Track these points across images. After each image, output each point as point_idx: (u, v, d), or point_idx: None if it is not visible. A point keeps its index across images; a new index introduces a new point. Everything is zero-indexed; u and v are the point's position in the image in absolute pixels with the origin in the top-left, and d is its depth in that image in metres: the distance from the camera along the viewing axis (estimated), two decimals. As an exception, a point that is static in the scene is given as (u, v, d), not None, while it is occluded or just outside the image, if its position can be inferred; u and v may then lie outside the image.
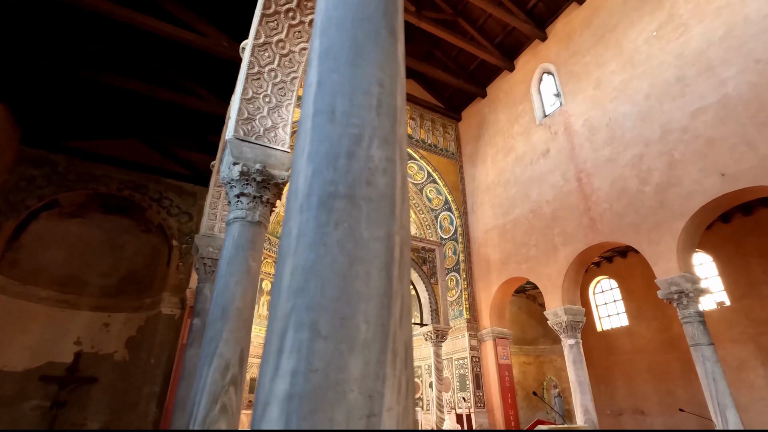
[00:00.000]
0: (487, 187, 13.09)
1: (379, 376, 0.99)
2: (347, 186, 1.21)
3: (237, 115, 4.27)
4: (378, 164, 1.28)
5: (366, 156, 1.28)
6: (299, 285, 1.09)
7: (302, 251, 1.13)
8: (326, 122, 1.34)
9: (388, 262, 1.15)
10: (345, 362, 0.98)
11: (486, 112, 14.05)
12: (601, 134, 9.83)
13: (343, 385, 0.95)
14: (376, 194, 1.23)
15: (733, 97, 7.47)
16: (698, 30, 8.31)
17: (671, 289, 7.73)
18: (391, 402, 0.99)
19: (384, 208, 1.23)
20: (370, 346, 1.01)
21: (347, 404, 0.93)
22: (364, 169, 1.25)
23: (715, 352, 7.18)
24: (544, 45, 12.26)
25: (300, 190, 1.24)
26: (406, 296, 1.15)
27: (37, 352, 8.51)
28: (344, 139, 1.29)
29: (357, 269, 1.10)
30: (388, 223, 1.21)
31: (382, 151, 1.31)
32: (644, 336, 12.70)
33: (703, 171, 7.64)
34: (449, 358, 12.22)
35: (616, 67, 9.86)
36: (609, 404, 13.02)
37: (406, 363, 1.09)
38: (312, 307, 1.04)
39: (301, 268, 1.11)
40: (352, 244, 1.13)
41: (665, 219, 8.07)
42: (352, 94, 1.36)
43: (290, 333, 1.04)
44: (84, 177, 9.29)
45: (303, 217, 1.18)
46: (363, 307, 1.04)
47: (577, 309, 9.77)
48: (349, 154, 1.27)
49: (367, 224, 1.17)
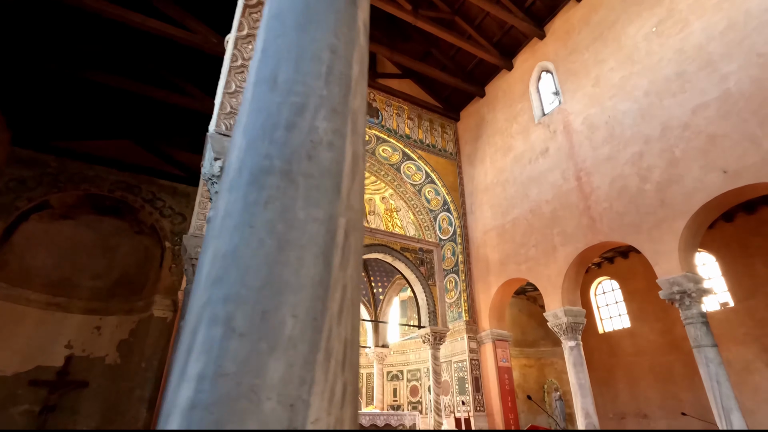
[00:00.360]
0: (486, 188, 12.93)
1: (305, 381, 0.83)
2: (284, 160, 1.05)
3: (219, 110, 4.13)
4: (323, 137, 1.12)
5: (309, 127, 1.12)
6: (218, 274, 0.93)
7: (225, 235, 0.97)
8: (267, 91, 1.19)
9: (328, 247, 0.99)
10: (263, 364, 0.81)
11: (485, 112, 13.90)
12: (600, 132, 9.67)
13: (258, 392, 0.79)
14: (317, 170, 1.06)
15: (735, 93, 7.30)
16: (698, 25, 8.15)
17: (673, 289, 7.54)
18: (319, 412, 0.82)
19: (327, 186, 1.06)
20: (297, 344, 0.85)
21: (261, 415, 0.76)
22: (305, 142, 1.09)
23: (718, 353, 6.99)
24: (543, 43, 12.12)
25: (232, 166, 1.08)
26: (350, 287, 0.99)
27: (27, 355, 8.37)
28: (285, 109, 1.13)
29: (287, 255, 0.94)
30: (330, 203, 1.05)
31: (329, 122, 1.15)
32: (647, 338, 12.48)
33: (705, 168, 7.46)
34: (448, 361, 12.03)
35: (615, 64, 9.70)
36: (611, 407, 12.79)
37: (345, 365, 0.92)
38: (229, 299, 0.87)
39: (221, 254, 0.95)
40: (284, 226, 0.97)
41: (666, 218, 7.89)
42: (298, 60, 1.20)
43: (202, 330, 0.88)
44: (75, 178, 9.16)
45: (231, 196, 1.02)
46: (291, 299, 0.88)
47: (578, 310, 9.58)
48: (288, 125, 1.11)
49: (304, 203, 1.01)
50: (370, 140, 13.30)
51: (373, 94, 13.61)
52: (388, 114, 13.61)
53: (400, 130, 13.66)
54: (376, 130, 13.07)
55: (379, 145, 13.47)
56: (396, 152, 13.63)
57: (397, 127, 13.63)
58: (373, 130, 13.02)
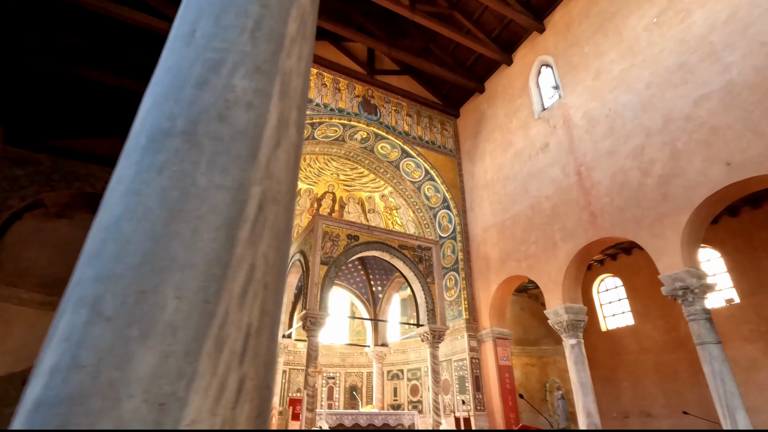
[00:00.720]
0: (486, 184, 12.76)
1: (183, 375, 0.69)
2: (189, 121, 0.91)
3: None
4: (241, 96, 0.98)
5: (224, 85, 0.98)
6: (96, 249, 0.79)
7: (111, 204, 0.84)
8: (181, 46, 1.05)
9: (233, 219, 0.85)
10: (130, 354, 0.68)
11: (484, 108, 13.73)
12: (600, 126, 9.48)
13: (118, 388, 0.65)
14: (229, 132, 0.93)
15: (738, 83, 7.10)
16: (700, 14, 7.95)
17: (675, 285, 7.36)
18: (199, 412, 0.68)
19: (239, 150, 0.93)
20: (178, 331, 0.71)
21: (118, 416, 0.62)
22: (218, 101, 0.96)
23: (722, 351, 6.80)
24: (542, 37, 11.93)
25: (133, 129, 0.95)
26: (261, 267, 0.85)
27: (20, 355, 8.28)
28: (198, 65, 0.99)
29: (179, 227, 0.80)
30: (242, 170, 0.91)
31: (250, 81, 1.01)
32: (650, 335, 12.27)
33: (708, 161, 7.27)
34: (448, 360, 11.88)
35: (616, 56, 9.51)
36: (615, 406, 12.59)
37: (246, 357, 0.78)
38: (100, 278, 0.74)
39: (103, 227, 0.82)
40: (179, 194, 0.83)
41: (668, 212, 7.70)
42: (221, 13, 1.06)
43: (66, 315, 0.74)
44: (68, 176, 9.09)
45: (125, 162, 0.89)
46: (176, 278, 0.74)
47: (579, 308, 9.40)
48: (200, 82, 0.97)
49: (207, 169, 0.87)
50: (369, 137, 13.16)
51: (372, 91, 13.47)
52: (386, 111, 13.47)
53: (399, 126, 13.51)
54: (375, 126, 12.93)
55: (377, 142, 13.34)
56: (395, 149, 13.49)
57: (396, 123, 13.48)
58: (372, 127, 12.88)
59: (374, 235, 10.24)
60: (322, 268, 9.29)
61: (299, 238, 10.93)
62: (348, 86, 13.02)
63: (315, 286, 9.03)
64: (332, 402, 13.22)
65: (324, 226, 9.69)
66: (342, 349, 14.13)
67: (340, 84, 12.90)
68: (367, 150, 13.61)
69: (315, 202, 15.11)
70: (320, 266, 9.27)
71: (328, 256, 9.45)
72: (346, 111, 12.61)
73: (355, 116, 12.69)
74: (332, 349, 14.07)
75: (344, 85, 12.96)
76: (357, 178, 14.90)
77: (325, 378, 13.24)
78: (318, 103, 12.18)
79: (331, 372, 13.65)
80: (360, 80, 13.33)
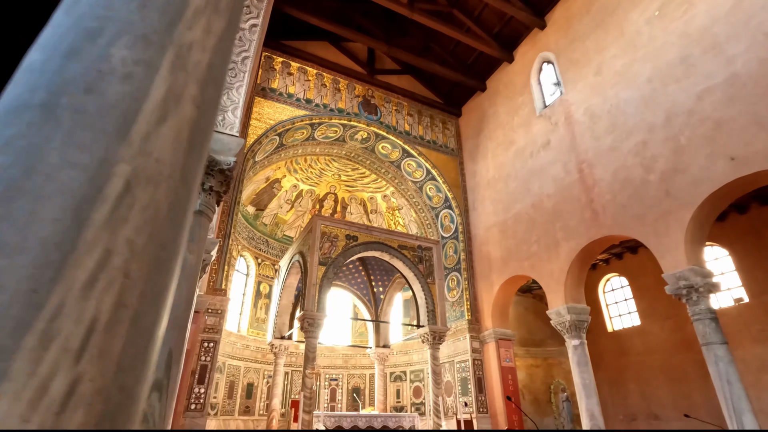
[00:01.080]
0: (488, 183, 12.61)
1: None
2: (50, 92, 0.82)
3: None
4: (117, 67, 0.88)
5: (99, 55, 0.88)
6: None
7: None
8: (60, 16, 0.96)
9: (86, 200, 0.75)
10: None
11: (486, 106, 13.58)
12: (602, 122, 9.30)
13: None
14: (97, 105, 0.83)
15: (742, 75, 6.90)
16: (703, 6, 7.76)
17: (680, 284, 7.16)
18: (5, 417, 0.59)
19: (104, 125, 0.83)
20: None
21: None
22: (89, 72, 0.86)
23: (728, 351, 6.59)
24: (543, 33, 11.77)
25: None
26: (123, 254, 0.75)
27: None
28: (71, 34, 0.90)
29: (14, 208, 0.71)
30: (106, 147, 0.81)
31: (132, 51, 0.91)
32: (657, 336, 12.01)
33: (712, 156, 7.07)
34: (450, 361, 11.74)
35: (617, 51, 9.33)
36: (622, 408, 12.35)
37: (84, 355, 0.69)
38: None
39: None
40: (21, 172, 0.75)
41: (672, 209, 7.51)
42: (110, -21, 0.96)
43: None
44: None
45: (-25, 138, 0.79)
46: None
47: (581, 308, 9.22)
48: (70, 52, 0.88)
49: (62, 144, 0.78)
50: (369, 137, 13.08)
51: (372, 91, 13.40)
52: (387, 110, 13.38)
53: (400, 126, 13.41)
54: (375, 126, 12.85)
55: (378, 142, 13.25)
56: (396, 149, 13.39)
57: (397, 123, 13.39)
58: (372, 127, 12.80)
59: (373, 236, 10.14)
60: (321, 269, 9.22)
61: (298, 238, 10.87)
62: (348, 86, 12.96)
63: (313, 287, 8.96)
64: (335, 404, 13.14)
65: (322, 226, 9.62)
66: (345, 351, 14.04)
67: (340, 84, 12.85)
68: (367, 150, 13.52)
69: (317, 203, 15.07)
70: (318, 267, 9.20)
71: (326, 257, 9.38)
72: (346, 111, 12.55)
73: (356, 116, 12.62)
74: (335, 350, 13.99)
75: (344, 86, 12.90)
76: (358, 179, 14.83)
77: (327, 380, 13.17)
78: (318, 104, 12.13)
79: (333, 374, 13.58)
80: (360, 80, 13.26)
